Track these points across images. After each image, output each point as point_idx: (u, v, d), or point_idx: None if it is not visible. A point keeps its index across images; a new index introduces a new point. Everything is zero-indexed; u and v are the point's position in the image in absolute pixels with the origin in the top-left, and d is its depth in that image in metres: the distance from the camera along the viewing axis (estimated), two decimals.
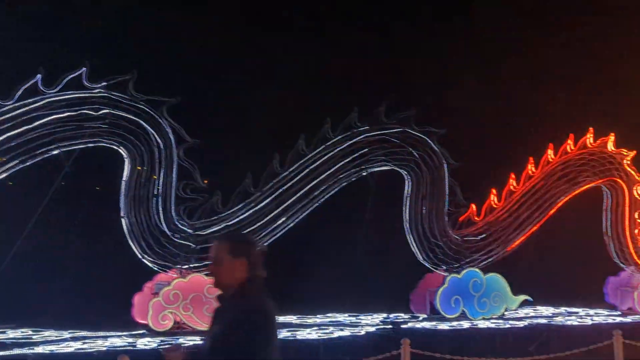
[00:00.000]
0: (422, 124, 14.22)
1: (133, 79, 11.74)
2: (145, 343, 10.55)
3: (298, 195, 13.10)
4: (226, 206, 12.63)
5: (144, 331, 11.55)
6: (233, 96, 17.43)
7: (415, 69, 19.08)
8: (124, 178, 11.96)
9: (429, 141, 14.17)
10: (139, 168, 11.91)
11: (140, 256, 11.83)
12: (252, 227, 12.58)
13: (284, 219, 12.87)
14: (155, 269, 12.00)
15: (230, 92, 17.43)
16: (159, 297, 11.59)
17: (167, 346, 3.63)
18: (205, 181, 12.62)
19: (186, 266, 12.01)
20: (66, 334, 11.36)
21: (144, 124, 11.84)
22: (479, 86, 20.80)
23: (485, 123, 19.44)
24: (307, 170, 13.24)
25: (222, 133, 16.25)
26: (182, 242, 12.02)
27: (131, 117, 11.74)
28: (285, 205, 12.92)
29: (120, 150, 11.88)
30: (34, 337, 11.12)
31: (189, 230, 12.13)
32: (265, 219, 12.72)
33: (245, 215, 12.61)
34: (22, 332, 11.52)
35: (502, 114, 20.12)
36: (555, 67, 22.06)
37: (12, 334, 11.35)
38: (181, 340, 10.82)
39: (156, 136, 11.92)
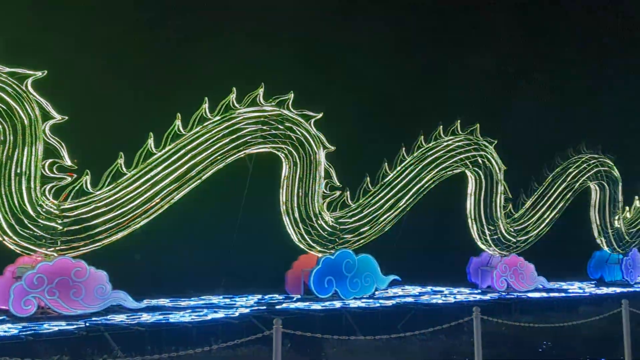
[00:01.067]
0: (299, 107, 14.34)
1: None
2: (6, 330, 9.97)
3: (174, 176, 12.81)
4: (96, 186, 12.11)
5: (4, 317, 10.90)
6: (104, 71, 16.68)
7: (292, 51, 19.16)
8: None
9: (306, 124, 14.32)
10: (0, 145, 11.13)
11: (0, 238, 11.12)
12: (125, 209, 12.16)
13: (157, 200, 12.55)
14: (18, 251, 11.34)
15: (103, 67, 16.67)
16: (21, 281, 10.96)
17: None
18: (75, 160, 12.01)
19: (52, 249, 11.44)
20: None
21: (5, 97, 11.08)
22: (363, 71, 21.25)
23: (360, 109, 19.93)
24: (184, 150, 12.97)
25: (93, 111, 15.53)
26: (48, 223, 11.42)
27: None
28: (159, 186, 12.60)
29: None
30: None
31: (55, 211, 11.54)
32: (138, 200, 12.34)
33: (116, 196, 12.16)
34: None
35: (375, 102, 20.71)
36: (429, 59, 22.99)
37: None
38: (46, 326, 10.32)
39: (20, 111, 11.19)
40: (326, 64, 20.22)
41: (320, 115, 14.47)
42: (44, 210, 11.42)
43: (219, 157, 13.31)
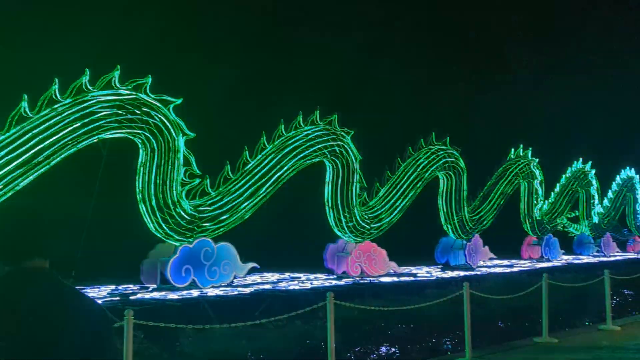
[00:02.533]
0: (158, 91, 13.95)
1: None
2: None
3: (19, 161, 12.01)
4: None
5: None
6: None
7: (150, 33, 18.61)
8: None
9: (165, 110, 13.98)
10: None
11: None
12: None
13: (0, 187, 11.72)
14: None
15: None
16: None
17: None
18: None
19: None
20: None
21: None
22: (218, 56, 21.03)
23: (221, 96, 19.77)
24: (30, 134, 12.19)
25: None
26: None
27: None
28: (2, 172, 11.76)
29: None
30: None
31: None
32: None
33: None
34: None
35: (238, 87, 20.65)
36: (288, 47, 23.23)
37: None
38: None
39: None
40: (187, 48, 19.84)
41: (180, 101, 14.15)
42: None
43: (69, 142, 12.65)
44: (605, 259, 27.24)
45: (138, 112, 13.56)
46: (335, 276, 17.53)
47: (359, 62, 26.19)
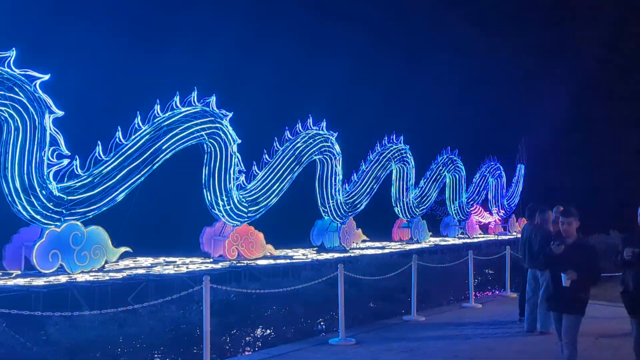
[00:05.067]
0: (24, 66, 13.11)
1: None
2: None
3: None
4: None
5: None
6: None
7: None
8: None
9: (31, 86, 13.16)
10: None
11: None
12: None
13: None
14: None
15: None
16: None
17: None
18: None
19: None
20: None
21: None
22: (89, 33, 20.09)
23: (97, 74, 18.96)
24: None
25: None
26: None
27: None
28: None
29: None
30: None
31: None
32: None
33: None
34: None
35: (108, 67, 19.87)
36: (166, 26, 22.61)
37: None
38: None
39: None
40: (57, 20, 18.79)
41: (47, 76, 13.37)
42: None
43: None
44: (469, 240, 28.94)
45: (1, 87, 12.68)
46: (211, 260, 17.40)
47: (242, 46, 25.99)
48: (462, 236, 30.76)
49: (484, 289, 17.32)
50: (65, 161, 13.96)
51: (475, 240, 29.39)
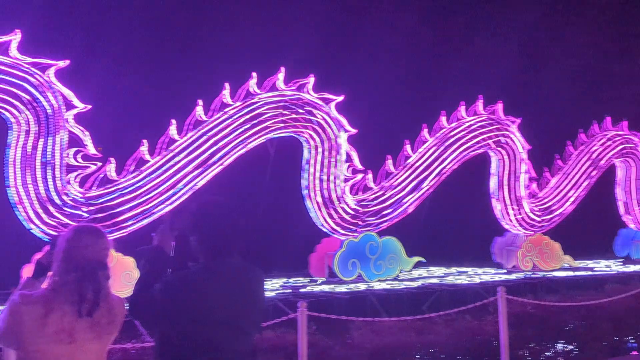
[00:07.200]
0: (320, 90, 14.31)
1: (18, 41, 11.02)
2: None
3: (196, 162, 12.89)
4: (120, 174, 12.24)
5: None
6: (125, 60, 16.80)
7: (312, 34, 19.12)
8: (10, 145, 11.29)
9: (326, 107, 14.29)
10: (26, 135, 11.26)
11: (27, 227, 11.29)
12: (148, 195, 12.29)
13: (180, 186, 12.65)
14: (45, 239, 11.51)
15: (125, 56, 16.79)
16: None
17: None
18: (99, 148, 12.14)
19: None
20: None
21: (29, 88, 11.18)
22: (375, 53, 21.14)
23: (381, 90, 19.84)
24: (205, 136, 13.04)
25: (119, 99, 15.68)
26: (74, 211, 11.57)
27: (15, 81, 11.05)
28: (182, 172, 12.69)
29: (4, 117, 11.19)
30: None
31: (80, 199, 11.68)
32: (161, 187, 12.45)
33: (140, 183, 12.29)
34: None
35: (398, 81, 20.60)
36: (448, 38, 22.76)
37: None
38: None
39: (43, 101, 11.30)
40: (346, 46, 20.14)
41: (342, 98, 14.43)
42: (69, 198, 11.57)
43: (240, 143, 13.36)
44: None
45: (301, 110, 13.99)
46: (504, 270, 16.91)
47: (526, 50, 25.01)
48: None
49: None
50: (359, 175, 14.83)
51: None
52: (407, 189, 15.39)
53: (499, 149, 16.82)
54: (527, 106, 19.21)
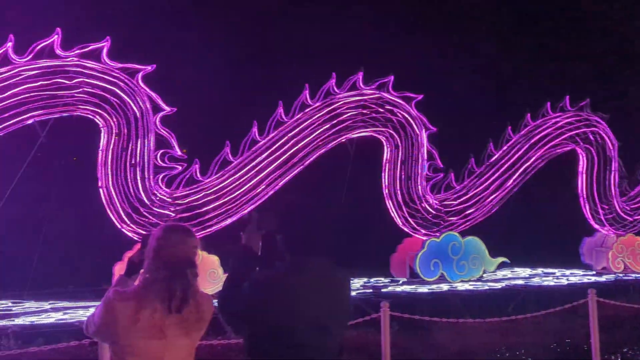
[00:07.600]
0: (400, 89, 14.20)
1: (107, 47, 11.51)
2: None
3: (278, 162, 13.07)
4: (205, 175, 12.56)
5: None
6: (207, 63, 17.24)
7: (391, 36, 19.03)
8: (101, 148, 11.79)
9: (407, 106, 14.17)
10: (116, 137, 11.74)
11: (119, 226, 11.75)
12: (232, 195, 12.55)
13: (263, 186, 12.85)
14: (135, 239, 11.95)
15: (203, 59, 17.25)
16: None
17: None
18: (184, 150, 12.51)
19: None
20: (46, 305, 11.29)
21: (119, 92, 11.65)
22: (455, 52, 20.83)
23: (463, 88, 19.51)
24: (287, 137, 13.19)
25: (200, 101, 16.11)
26: (162, 211, 11.96)
27: (106, 85, 11.54)
28: (264, 173, 12.89)
29: (96, 120, 11.71)
30: (13, 308, 11.05)
31: (168, 200, 12.07)
32: (244, 187, 12.69)
33: (224, 183, 12.56)
34: (1, 303, 11.42)
35: (481, 80, 20.20)
36: (529, 35, 22.13)
37: None
38: None
39: (132, 104, 11.75)
40: (427, 44, 19.91)
41: (422, 96, 14.26)
42: (157, 198, 11.97)
43: (320, 143, 13.44)
44: None
45: (382, 110, 13.92)
46: (594, 272, 16.25)
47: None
48: None
49: None
50: (441, 174, 14.62)
51: None
52: (491, 188, 15.05)
53: (587, 146, 16.18)
54: (618, 101, 18.38)
